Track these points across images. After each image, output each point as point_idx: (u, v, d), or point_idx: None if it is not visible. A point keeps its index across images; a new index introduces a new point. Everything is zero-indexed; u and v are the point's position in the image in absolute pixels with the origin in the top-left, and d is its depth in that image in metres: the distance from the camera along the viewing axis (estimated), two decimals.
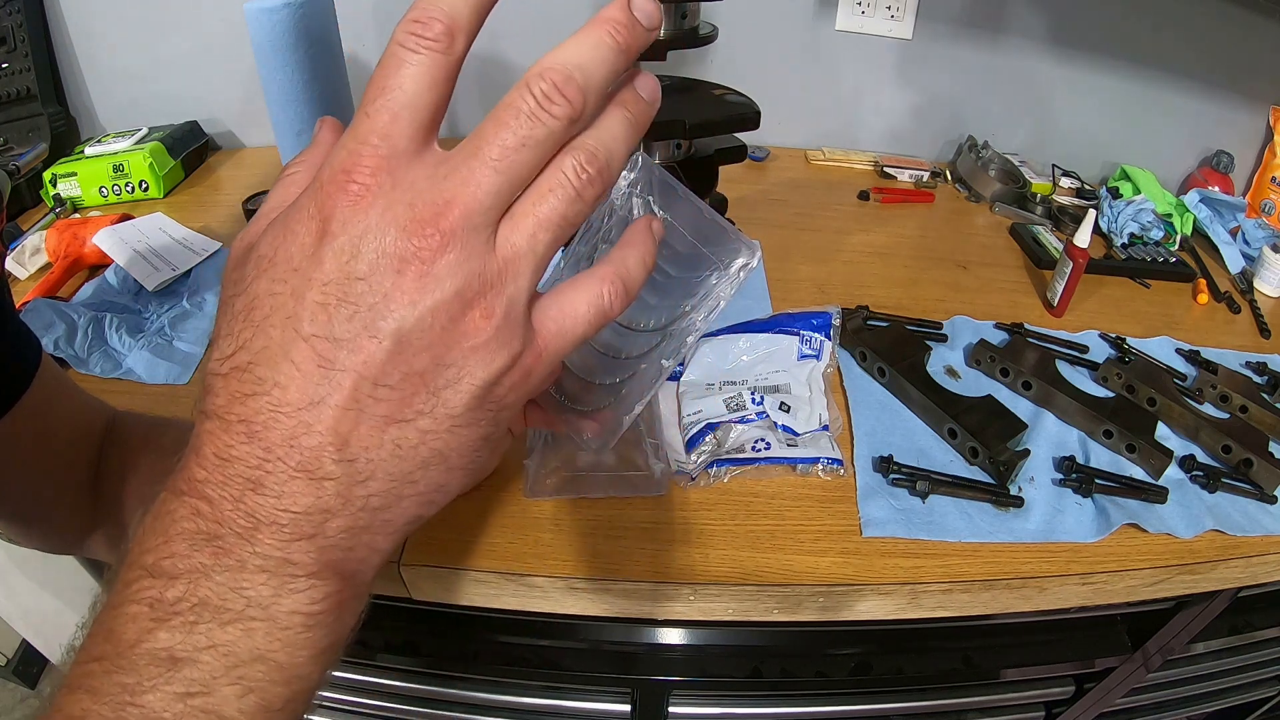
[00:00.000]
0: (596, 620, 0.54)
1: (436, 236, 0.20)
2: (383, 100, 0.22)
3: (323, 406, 0.20)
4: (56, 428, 0.41)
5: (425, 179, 0.21)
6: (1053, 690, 0.73)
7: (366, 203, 0.20)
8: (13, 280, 0.79)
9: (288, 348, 0.20)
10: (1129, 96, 1.04)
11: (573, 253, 0.50)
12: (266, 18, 0.74)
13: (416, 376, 0.21)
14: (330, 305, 0.20)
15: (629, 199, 0.49)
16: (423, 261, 0.20)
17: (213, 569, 0.20)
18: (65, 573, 0.66)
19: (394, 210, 0.20)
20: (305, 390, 0.20)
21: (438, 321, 0.20)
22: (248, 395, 0.21)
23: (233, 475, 0.21)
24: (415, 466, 0.22)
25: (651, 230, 0.28)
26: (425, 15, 0.22)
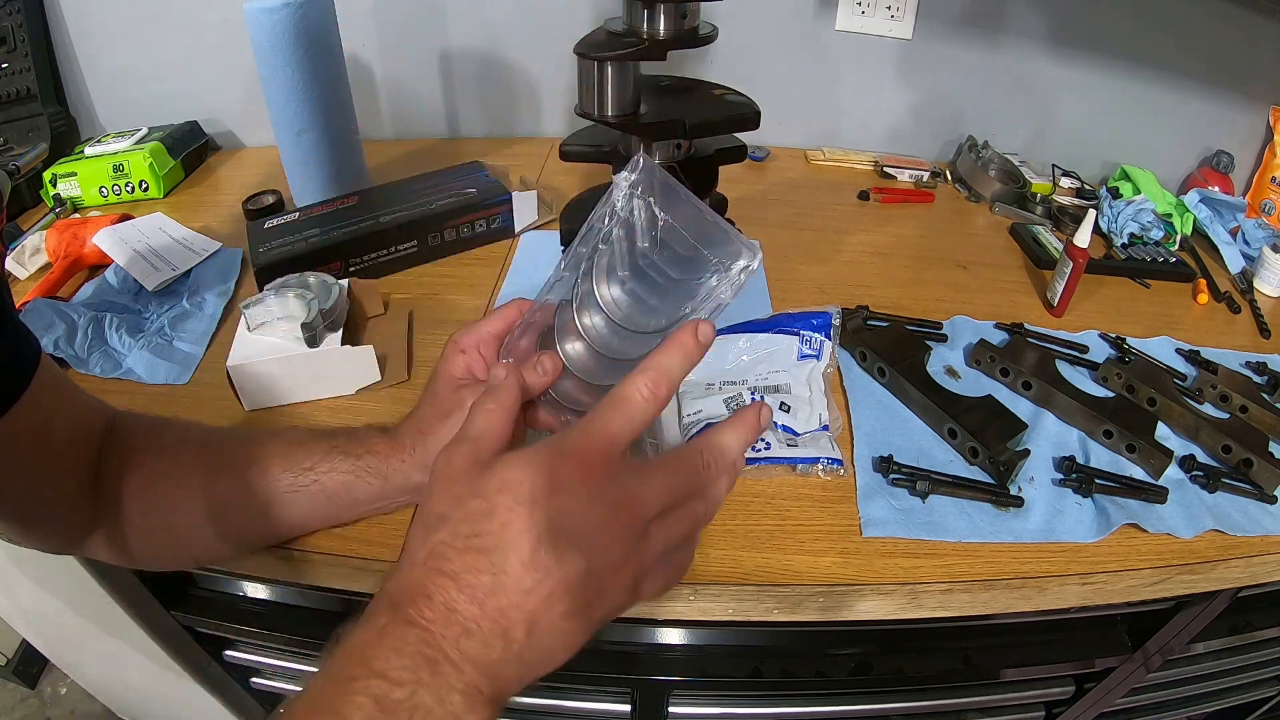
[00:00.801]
0: None
1: (628, 518, 0.33)
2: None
3: (529, 596, 0.30)
4: (56, 428, 0.41)
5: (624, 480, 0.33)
6: (1053, 690, 0.73)
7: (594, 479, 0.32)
8: (13, 280, 0.79)
9: (518, 549, 0.30)
10: (1129, 96, 1.04)
11: (573, 253, 0.50)
12: (266, 18, 0.74)
13: (588, 599, 0.31)
14: (551, 533, 0.30)
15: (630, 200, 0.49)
16: (619, 533, 0.32)
17: (429, 684, 0.28)
18: (65, 573, 0.65)
19: (605, 491, 0.32)
20: (521, 583, 0.30)
21: (610, 569, 0.32)
22: (479, 570, 0.30)
23: (454, 622, 0.29)
24: (558, 645, 0.32)
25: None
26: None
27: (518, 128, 1.13)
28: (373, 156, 0.95)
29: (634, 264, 0.49)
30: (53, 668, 1.33)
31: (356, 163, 0.90)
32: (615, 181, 0.49)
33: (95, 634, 0.75)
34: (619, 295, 0.50)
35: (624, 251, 0.49)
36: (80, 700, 1.30)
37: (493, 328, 0.49)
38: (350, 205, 0.81)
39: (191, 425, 0.50)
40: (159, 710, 0.92)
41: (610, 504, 0.32)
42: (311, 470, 0.46)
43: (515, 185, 0.92)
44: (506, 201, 0.84)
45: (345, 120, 0.86)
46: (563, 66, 1.07)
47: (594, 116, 0.62)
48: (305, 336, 0.60)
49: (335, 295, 0.64)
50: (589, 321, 0.50)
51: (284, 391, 0.61)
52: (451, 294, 0.77)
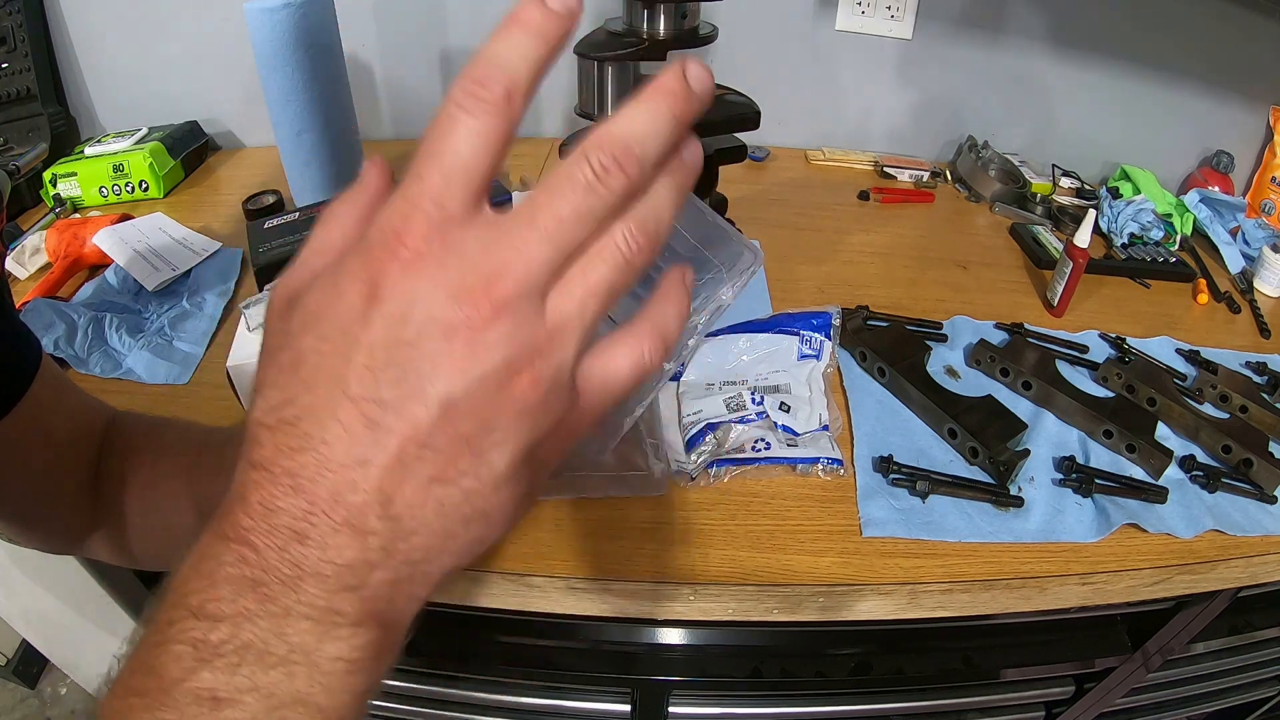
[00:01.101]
0: (596, 620, 0.54)
1: (487, 306, 0.20)
2: (435, 162, 0.22)
3: (369, 466, 0.21)
4: (56, 428, 0.41)
5: (477, 246, 0.21)
6: (1053, 690, 0.73)
7: (417, 269, 0.20)
8: (13, 280, 0.79)
9: (334, 407, 0.21)
10: (1129, 96, 1.04)
11: None
12: (266, 18, 0.74)
13: (462, 440, 0.21)
14: (377, 369, 0.20)
15: None
16: (473, 330, 0.20)
17: (257, 614, 0.21)
18: (65, 573, 0.66)
19: (445, 277, 0.20)
20: (351, 449, 0.21)
21: (486, 389, 0.21)
22: (294, 450, 0.21)
23: (278, 525, 0.21)
24: (457, 523, 0.22)
25: (685, 282, 0.27)
26: (484, 76, 0.22)
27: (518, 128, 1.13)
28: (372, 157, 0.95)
29: None
30: (53, 668, 1.33)
31: (356, 163, 0.90)
32: None
33: (95, 634, 0.75)
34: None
35: None
36: (80, 700, 1.30)
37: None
38: None
39: (191, 425, 0.50)
40: None
41: (456, 289, 0.20)
42: None
43: (515, 185, 0.92)
44: (507, 202, 0.84)
45: (345, 120, 0.86)
46: (563, 66, 1.07)
47: (594, 116, 0.62)
48: None
49: None
50: None
51: None
52: None
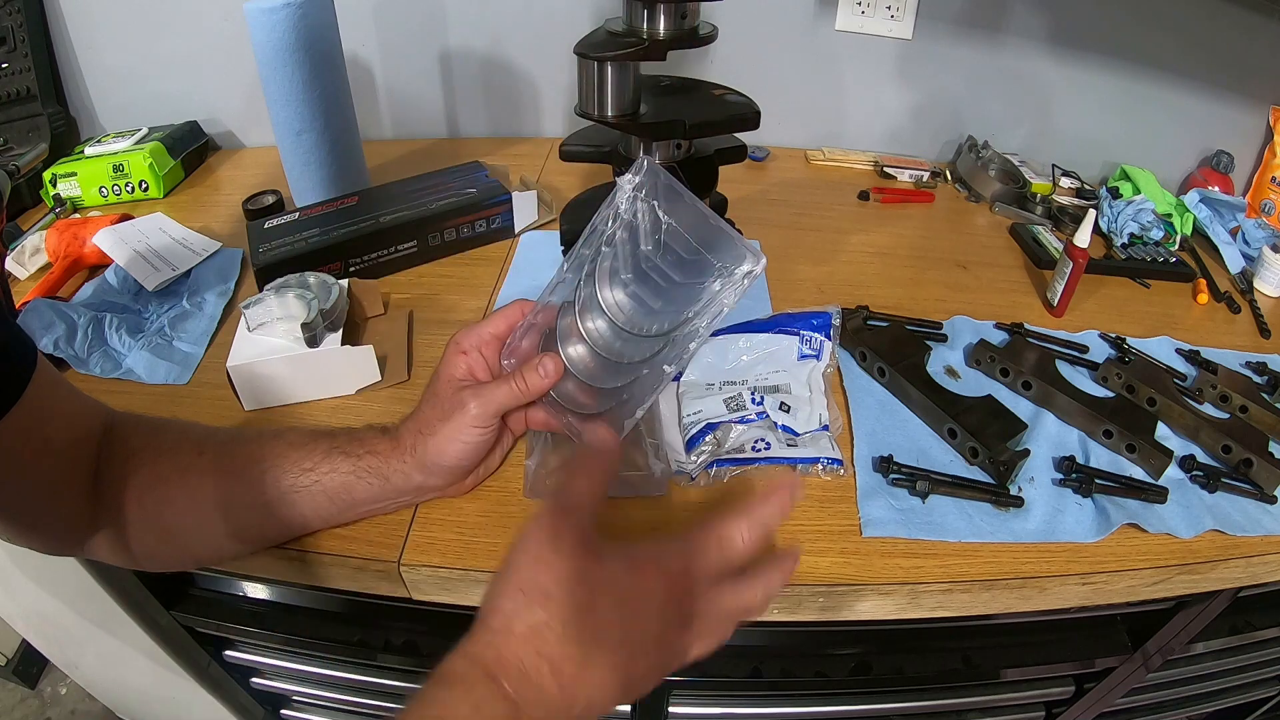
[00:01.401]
0: None
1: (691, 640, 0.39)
2: None
3: (602, 690, 0.35)
4: (54, 430, 0.41)
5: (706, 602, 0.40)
6: (1053, 690, 0.73)
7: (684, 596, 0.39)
8: (13, 280, 0.79)
9: (605, 645, 0.35)
10: (1129, 96, 1.04)
11: (576, 255, 0.50)
12: (266, 18, 0.74)
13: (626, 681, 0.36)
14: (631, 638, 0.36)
15: (633, 202, 0.49)
16: (680, 651, 0.39)
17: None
18: (65, 573, 0.65)
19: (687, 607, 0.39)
20: (594, 677, 0.35)
21: (653, 672, 0.38)
22: (572, 660, 0.34)
23: (540, 703, 0.34)
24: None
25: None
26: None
27: (518, 128, 1.13)
28: (373, 156, 0.95)
29: (637, 267, 0.49)
30: (53, 668, 1.33)
31: (356, 163, 0.90)
32: (619, 184, 0.49)
33: (95, 634, 0.75)
34: (621, 298, 0.50)
35: (627, 254, 0.49)
36: (80, 700, 1.30)
37: (494, 328, 0.50)
38: (350, 205, 0.81)
39: (191, 426, 0.50)
40: (159, 710, 0.92)
41: (686, 617, 0.38)
42: (312, 471, 0.46)
43: (515, 185, 0.92)
44: (506, 201, 0.84)
45: (345, 120, 0.86)
46: (563, 66, 1.07)
47: (594, 116, 0.62)
48: (305, 336, 0.60)
49: (335, 295, 0.64)
50: (591, 325, 0.50)
51: (284, 391, 0.61)
52: (451, 294, 0.77)
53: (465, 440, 0.47)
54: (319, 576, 0.52)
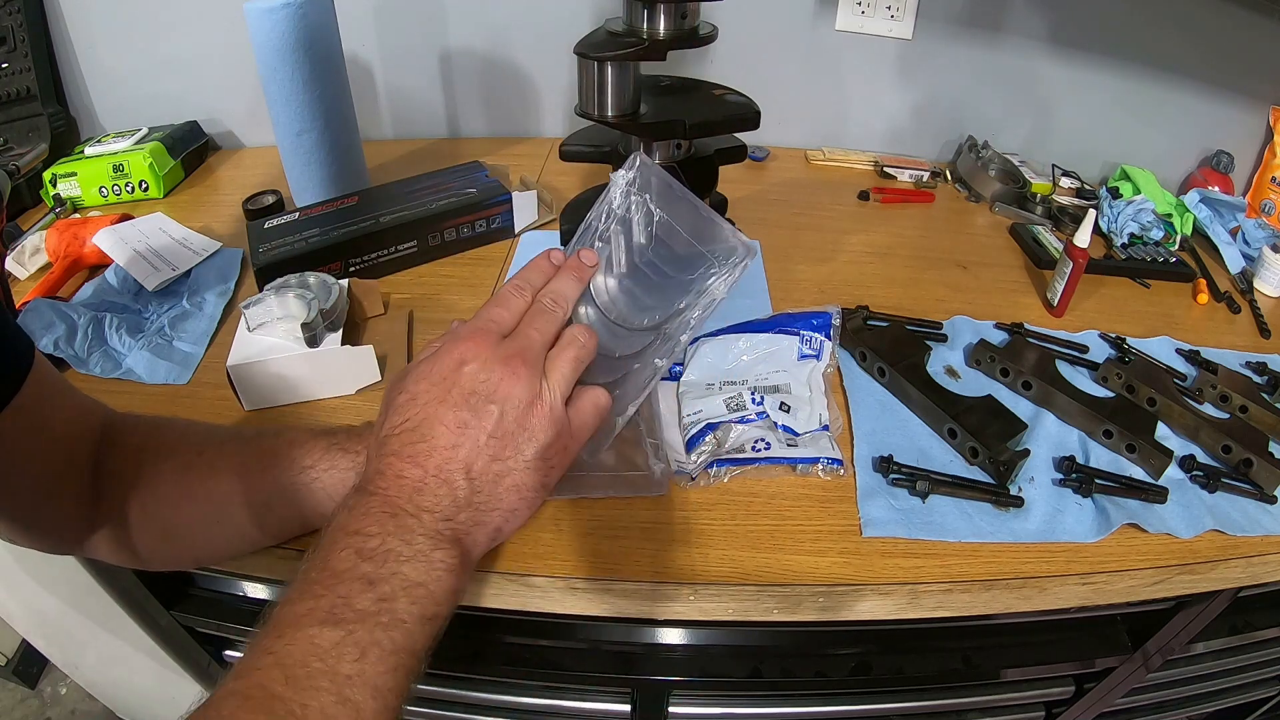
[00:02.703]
0: (596, 620, 0.54)
1: (519, 365, 0.41)
2: (504, 311, 0.45)
3: (458, 449, 0.39)
4: (50, 428, 0.41)
5: (509, 341, 0.42)
6: (1053, 690, 0.73)
7: (484, 348, 0.41)
8: (13, 280, 0.79)
9: (439, 419, 0.39)
10: (1129, 96, 1.04)
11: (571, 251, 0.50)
12: (266, 18, 0.74)
13: (509, 435, 0.40)
14: (464, 398, 0.40)
15: (627, 198, 0.49)
16: (514, 377, 0.40)
17: (393, 532, 0.35)
18: (66, 573, 0.65)
19: (497, 353, 0.41)
20: (449, 440, 0.39)
21: (520, 408, 0.40)
22: (414, 443, 0.39)
23: (404, 484, 0.38)
24: (505, 490, 0.40)
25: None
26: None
27: (518, 128, 1.13)
28: (373, 156, 0.95)
29: (630, 261, 0.50)
30: (53, 668, 1.33)
31: (356, 163, 0.90)
32: (612, 179, 0.49)
33: (95, 634, 0.75)
34: (615, 292, 0.50)
35: (621, 249, 0.49)
36: (80, 700, 1.30)
37: None
38: (350, 205, 0.81)
39: (191, 425, 0.50)
40: (159, 710, 0.92)
41: (503, 358, 0.40)
42: (312, 468, 0.46)
43: (515, 185, 0.92)
44: (506, 201, 0.84)
45: (345, 120, 0.86)
46: (563, 66, 1.07)
47: (594, 116, 0.62)
48: (305, 336, 0.60)
49: (335, 295, 0.64)
50: (584, 317, 0.50)
51: (284, 391, 0.61)
52: (451, 294, 0.77)
53: None
54: None
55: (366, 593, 0.33)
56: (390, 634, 0.32)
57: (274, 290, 0.63)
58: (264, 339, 0.61)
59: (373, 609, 0.32)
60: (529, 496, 0.41)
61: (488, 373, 0.40)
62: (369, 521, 0.35)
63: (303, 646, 0.31)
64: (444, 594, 0.36)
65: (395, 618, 0.33)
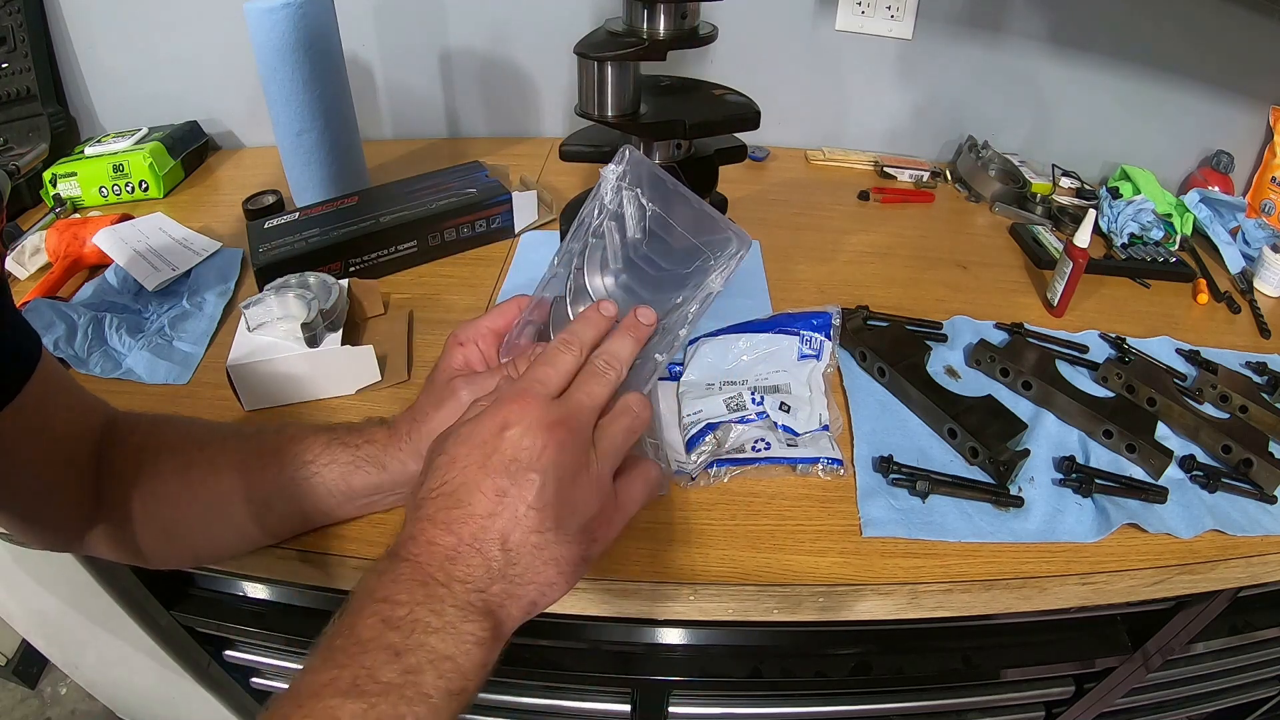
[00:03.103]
0: (596, 620, 0.54)
1: (565, 432, 0.37)
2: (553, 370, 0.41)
3: (496, 518, 0.36)
4: (56, 423, 0.41)
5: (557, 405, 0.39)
6: (1053, 690, 0.73)
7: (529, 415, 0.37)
8: (13, 280, 0.79)
9: (478, 485, 0.36)
10: (1129, 96, 1.04)
11: (565, 249, 0.50)
12: (267, 18, 0.74)
13: (550, 506, 0.36)
14: (504, 465, 0.36)
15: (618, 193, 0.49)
16: (559, 446, 0.37)
17: (424, 601, 0.33)
18: (66, 572, 0.65)
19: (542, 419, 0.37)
20: (486, 509, 0.36)
21: (565, 477, 0.37)
22: (450, 508, 0.36)
23: (436, 553, 0.35)
24: (542, 562, 0.37)
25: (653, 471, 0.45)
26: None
27: (518, 128, 1.13)
28: (373, 156, 0.95)
29: (626, 256, 0.50)
30: (53, 668, 1.33)
31: (356, 163, 0.90)
32: (602, 174, 0.49)
33: (95, 634, 0.75)
34: (611, 287, 0.50)
35: (615, 244, 0.49)
36: (80, 700, 1.30)
37: (493, 324, 0.50)
38: (350, 205, 0.81)
39: (193, 422, 0.50)
40: (159, 710, 0.92)
41: (548, 424, 0.37)
42: (312, 463, 0.46)
43: (515, 185, 0.92)
44: (506, 201, 0.84)
45: (345, 120, 0.86)
46: (563, 66, 1.07)
47: (594, 116, 0.62)
48: (305, 336, 0.60)
49: (335, 295, 0.64)
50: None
51: (284, 391, 0.61)
52: (451, 294, 0.77)
53: None
54: (319, 576, 0.52)
55: (392, 664, 0.31)
56: (415, 709, 0.31)
57: (274, 290, 0.63)
58: (264, 339, 0.61)
59: (398, 681, 0.31)
60: (568, 570, 0.38)
61: (531, 439, 0.36)
62: (398, 589, 0.34)
63: (323, 718, 0.29)
64: (472, 668, 0.34)
65: (420, 692, 0.31)
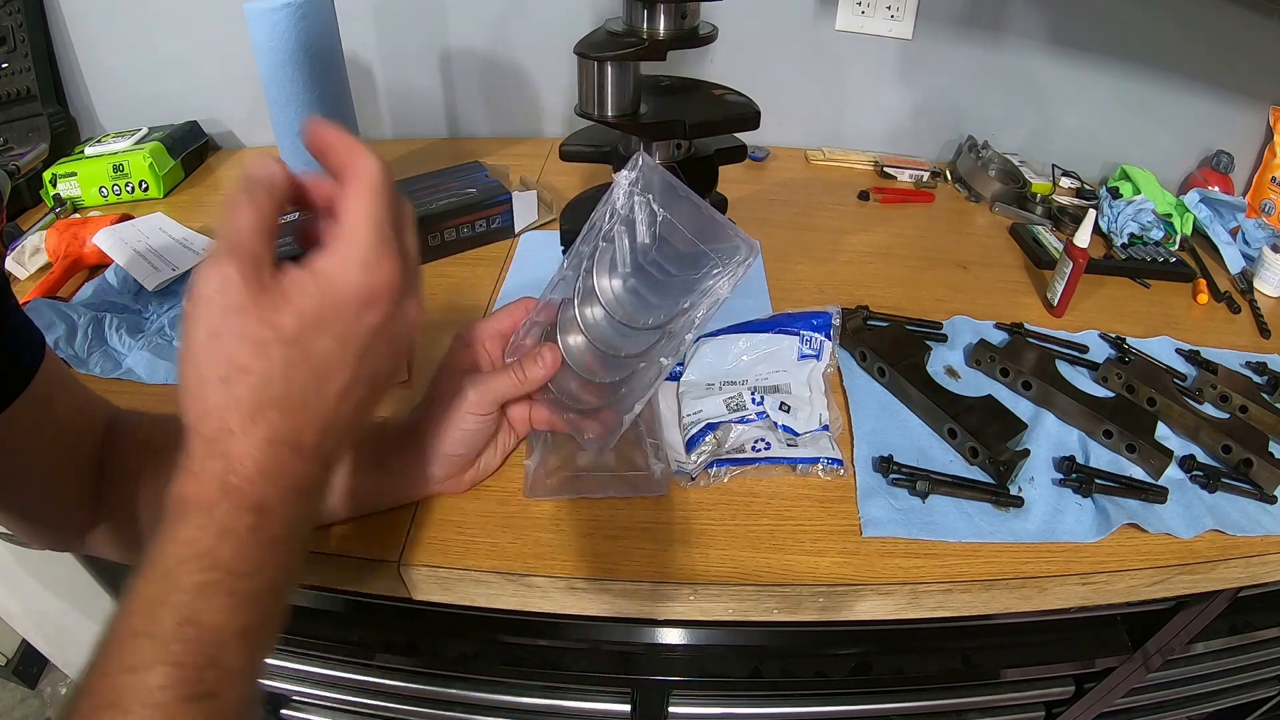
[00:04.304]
0: (596, 620, 0.54)
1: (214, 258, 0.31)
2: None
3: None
4: (59, 420, 0.41)
5: None
6: (1053, 690, 0.73)
7: None
8: (13, 280, 0.79)
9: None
10: (1129, 96, 1.04)
11: (575, 253, 0.50)
12: (267, 18, 0.74)
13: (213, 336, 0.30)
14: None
15: (630, 198, 0.49)
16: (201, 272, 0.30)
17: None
18: (66, 572, 0.66)
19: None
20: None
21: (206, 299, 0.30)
22: None
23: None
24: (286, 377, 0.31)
25: None
26: None
27: (518, 128, 1.13)
28: None
29: (635, 261, 0.50)
30: (53, 668, 1.33)
31: None
32: (616, 179, 0.49)
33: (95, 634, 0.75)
34: (620, 291, 0.50)
35: (625, 248, 0.50)
36: None
37: (499, 324, 0.50)
38: None
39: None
40: None
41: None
42: None
43: (515, 185, 0.92)
44: (506, 201, 0.84)
45: (345, 120, 0.86)
46: (563, 66, 1.07)
47: (594, 116, 0.62)
48: None
49: None
50: (589, 313, 0.50)
51: None
52: (451, 294, 0.77)
53: (463, 428, 0.48)
54: (319, 576, 0.52)
55: None
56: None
57: None
58: None
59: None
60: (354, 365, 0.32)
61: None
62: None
63: None
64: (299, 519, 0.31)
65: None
